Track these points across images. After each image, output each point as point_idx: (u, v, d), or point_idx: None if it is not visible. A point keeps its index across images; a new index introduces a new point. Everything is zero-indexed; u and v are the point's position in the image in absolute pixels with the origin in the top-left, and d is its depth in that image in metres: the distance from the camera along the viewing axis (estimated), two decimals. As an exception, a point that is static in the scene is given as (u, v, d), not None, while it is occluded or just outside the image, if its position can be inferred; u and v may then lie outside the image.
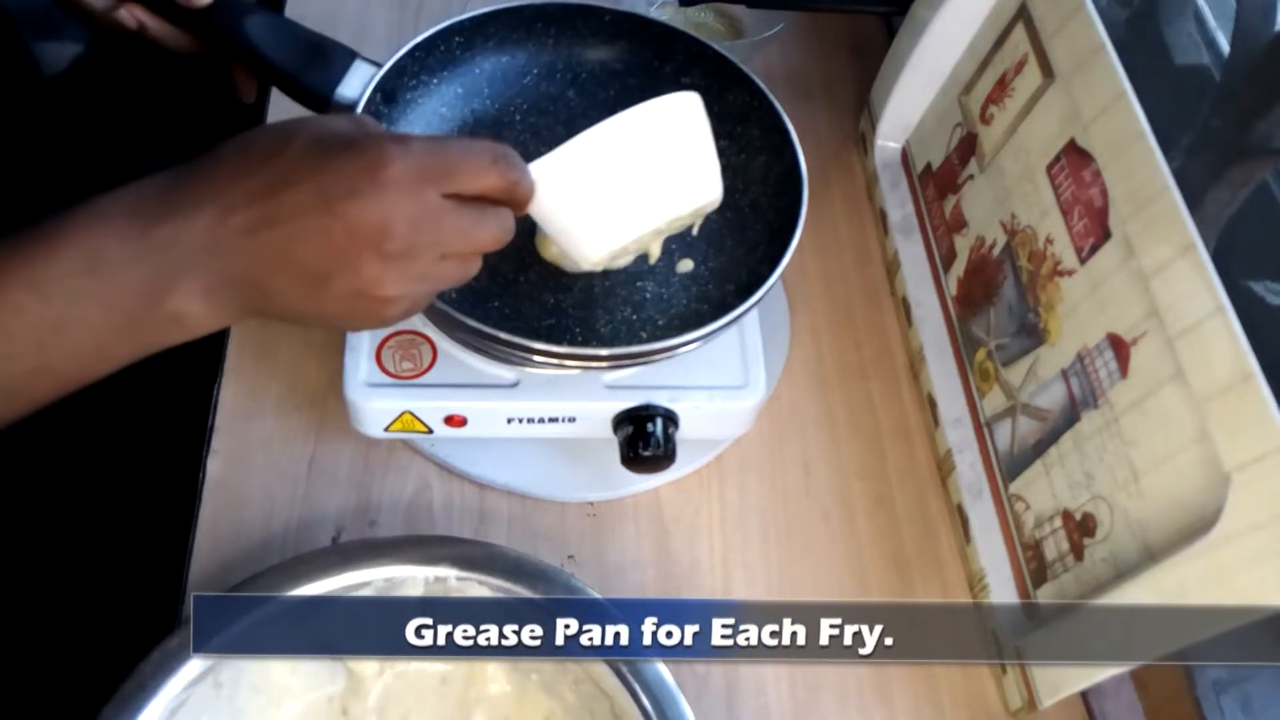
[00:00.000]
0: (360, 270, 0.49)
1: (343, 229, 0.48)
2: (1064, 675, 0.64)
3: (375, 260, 0.49)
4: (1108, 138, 0.65)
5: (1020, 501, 0.70)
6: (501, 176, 0.52)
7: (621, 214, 0.60)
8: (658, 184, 0.60)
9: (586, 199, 0.58)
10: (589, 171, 0.57)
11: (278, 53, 0.68)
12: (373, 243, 0.48)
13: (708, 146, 0.61)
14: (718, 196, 0.63)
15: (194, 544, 0.70)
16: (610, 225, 0.60)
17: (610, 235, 0.60)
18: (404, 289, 0.51)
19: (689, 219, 0.64)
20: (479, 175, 0.51)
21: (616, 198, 0.59)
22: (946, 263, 0.83)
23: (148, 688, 0.57)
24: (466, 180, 0.51)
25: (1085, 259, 0.66)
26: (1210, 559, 0.54)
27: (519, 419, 0.71)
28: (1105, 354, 0.63)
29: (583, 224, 0.59)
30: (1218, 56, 0.76)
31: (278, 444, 0.75)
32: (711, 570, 0.74)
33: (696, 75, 0.77)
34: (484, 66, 0.77)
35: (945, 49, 0.83)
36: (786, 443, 0.80)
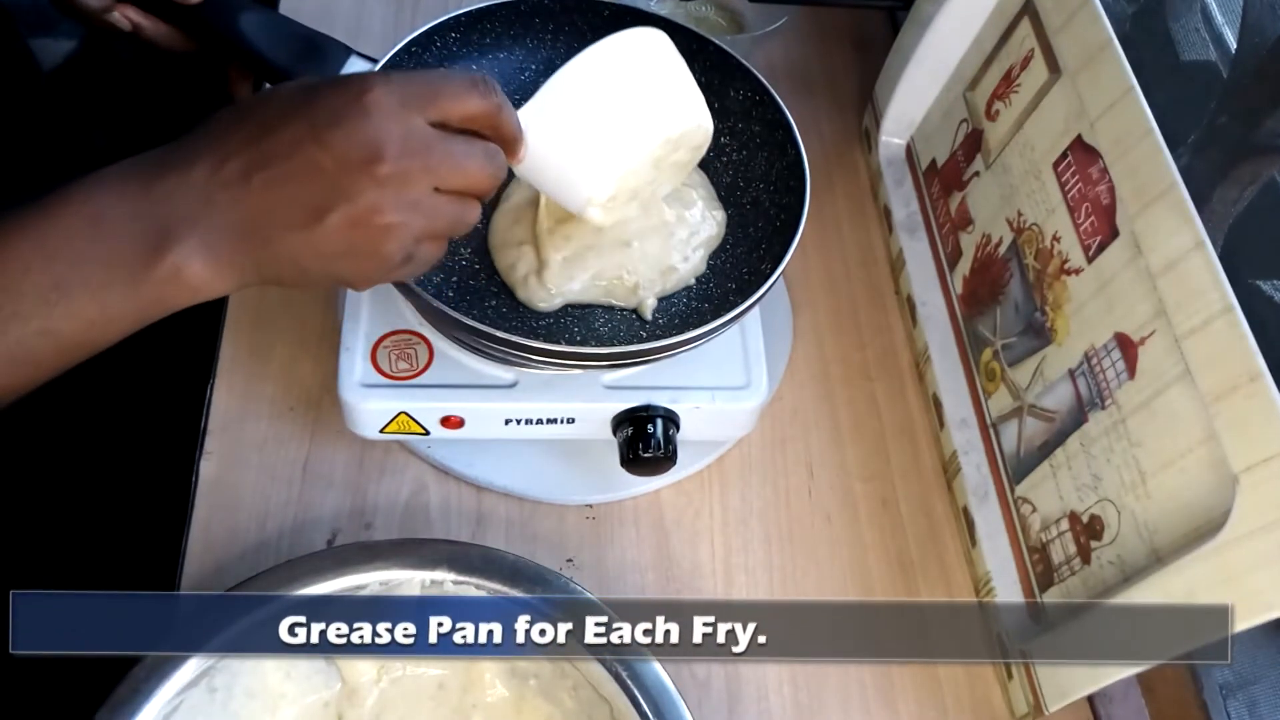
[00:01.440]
0: (354, 197, 0.49)
1: (332, 158, 0.49)
2: (1070, 680, 0.63)
3: (369, 184, 0.49)
4: (1115, 134, 0.64)
5: (1027, 504, 0.70)
6: (484, 98, 0.53)
7: (611, 146, 0.60)
8: (641, 112, 0.61)
9: (573, 138, 0.59)
10: (569, 111, 0.58)
11: (272, 49, 0.67)
12: (363, 166, 0.49)
13: (684, 75, 0.62)
14: (707, 123, 0.64)
15: (187, 547, 0.70)
16: (603, 159, 0.60)
17: (605, 170, 0.61)
18: (401, 215, 0.51)
19: (685, 156, 0.64)
20: (460, 98, 0.52)
21: (603, 132, 0.60)
22: (952, 261, 0.82)
23: (141, 692, 0.57)
24: (448, 103, 0.52)
25: (1092, 257, 0.65)
26: (1218, 561, 0.53)
27: (517, 420, 0.70)
28: (1113, 354, 0.62)
29: (576, 164, 0.60)
30: (1225, 53, 0.76)
31: (272, 446, 0.74)
32: (713, 573, 0.73)
33: (698, 70, 0.76)
34: (481, 63, 0.76)
35: (950, 44, 0.83)
36: (789, 444, 0.79)
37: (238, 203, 0.49)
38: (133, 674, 0.57)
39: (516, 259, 0.69)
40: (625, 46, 0.59)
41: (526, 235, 0.69)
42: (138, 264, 0.49)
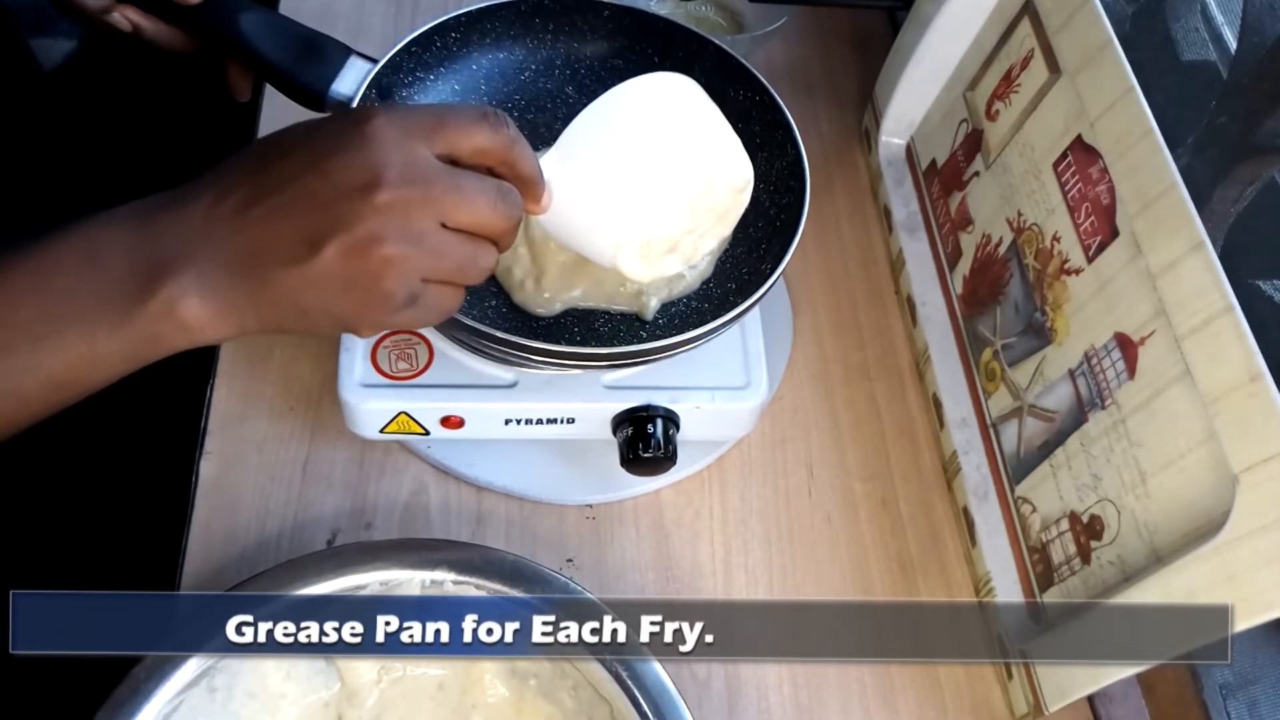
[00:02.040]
0: (351, 225, 0.47)
1: (329, 185, 0.47)
2: (1070, 680, 0.63)
3: (366, 211, 0.47)
4: (1115, 134, 0.64)
5: (1027, 504, 0.69)
6: (494, 131, 0.51)
7: (638, 188, 0.56)
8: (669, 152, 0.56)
9: (597, 182, 0.55)
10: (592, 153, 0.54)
11: (272, 49, 0.67)
12: (361, 193, 0.47)
13: (716, 117, 0.58)
14: (743, 163, 0.59)
15: (187, 547, 0.70)
16: (630, 203, 0.56)
17: (634, 214, 0.56)
18: (401, 248, 0.48)
19: (724, 200, 0.60)
20: (468, 130, 0.50)
21: (628, 173, 0.55)
22: (952, 261, 0.82)
23: (141, 692, 0.57)
24: (455, 135, 0.50)
25: (1092, 257, 0.65)
26: (1219, 561, 0.53)
27: (517, 420, 0.70)
28: (1113, 354, 0.62)
29: (601, 210, 0.56)
30: (1225, 53, 0.76)
31: (272, 446, 0.74)
32: (713, 573, 0.73)
33: (698, 71, 0.76)
34: (481, 63, 0.76)
35: (950, 44, 0.83)
36: (789, 444, 0.79)
37: (234, 236, 0.48)
38: (133, 674, 0.57)
39: (512, 262, 0.68)
40: (651, 88, 0.56)
41: (521, 237, 0.69)
42: (130, 297, 0.47)
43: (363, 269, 0.48)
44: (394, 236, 0.48)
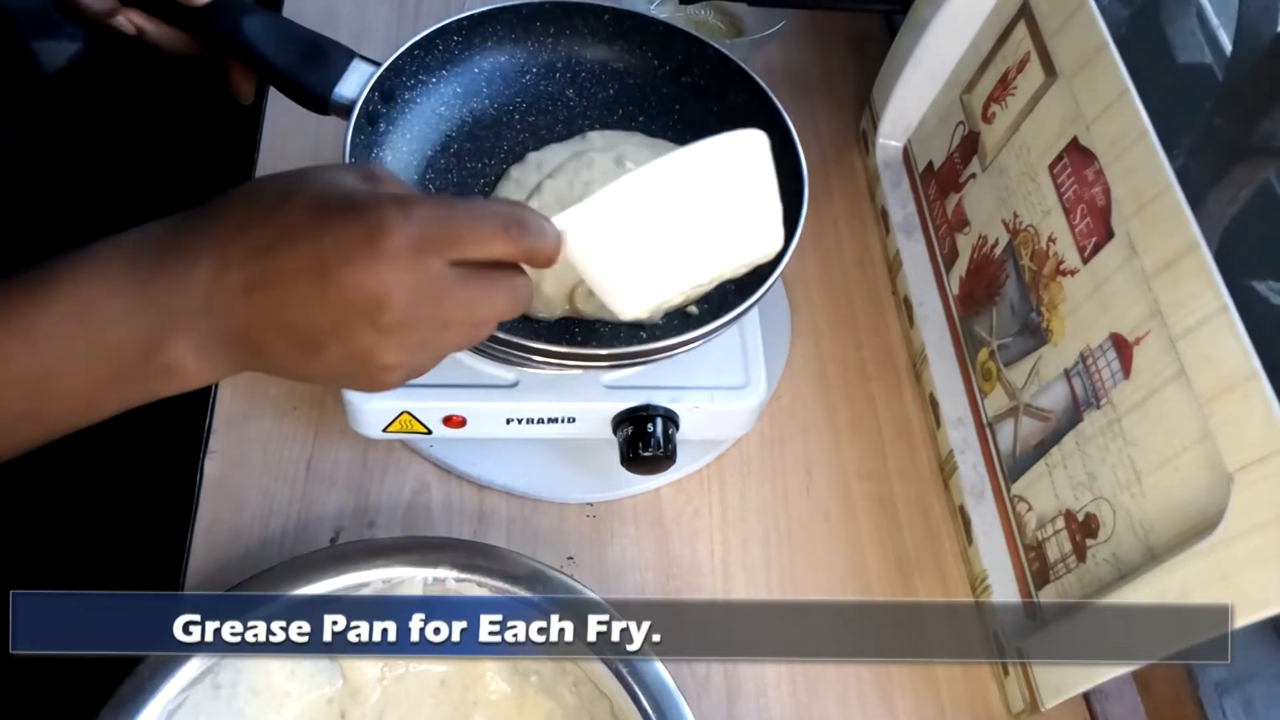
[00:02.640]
0: (354, 340, 0.47)
1: (337, 296, 0.46)
2: (1066, 677, 0.64)
3: (370, 331, 0.47)
4: (1110, 136, 0.65)
5: (1022, 502, 0.70)
6: (514, 244, 0.48)
7: (666, 268, 0.53)
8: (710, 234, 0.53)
9: (627, 251, 0.52)
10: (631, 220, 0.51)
11: (276, 52, 0.67)
12: (367, 314, 0.46)
13: (771, 191, 0.54)
14: (778, 246, 0.57)
15: (191, 545, 0.70)
16: (653, 280, 0.54)
17: (652, 291, 0.54)
18: (402, 358, 0.48)
19: (744, 270, 0.58)
20: (487, 243, 0.48)
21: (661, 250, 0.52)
22: (948, 262, 0.82)
23: (146, 689, 0.57)
24: (472, 248, 0.48)
25: (1088, 258, 0.65)
26: (1213, 560, 0.53)
27: (518, 419, 0.70)
28: (1108, 354, 0.63)
29: (621, 278, 0.53)
30: (1220, 55, 0.76)
31: (275, 445, 0.75)
32: (712, 572, 0.73)
33: (696, 74, 0.77)
34: (483, 66, 0.77)
35: (947, 47, 0.83)
36: (787, 443, 0.80)
37: (235, 313, 0.47)
38: (137, 671, 0.57)
39: None
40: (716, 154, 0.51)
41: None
42: (130, 361, 0.47)
43: (362, 370, 0.48)
44: (394, 350, 0.48)
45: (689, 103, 0.77)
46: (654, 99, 0.78)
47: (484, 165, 0.74)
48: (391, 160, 0.72)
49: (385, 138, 0.72)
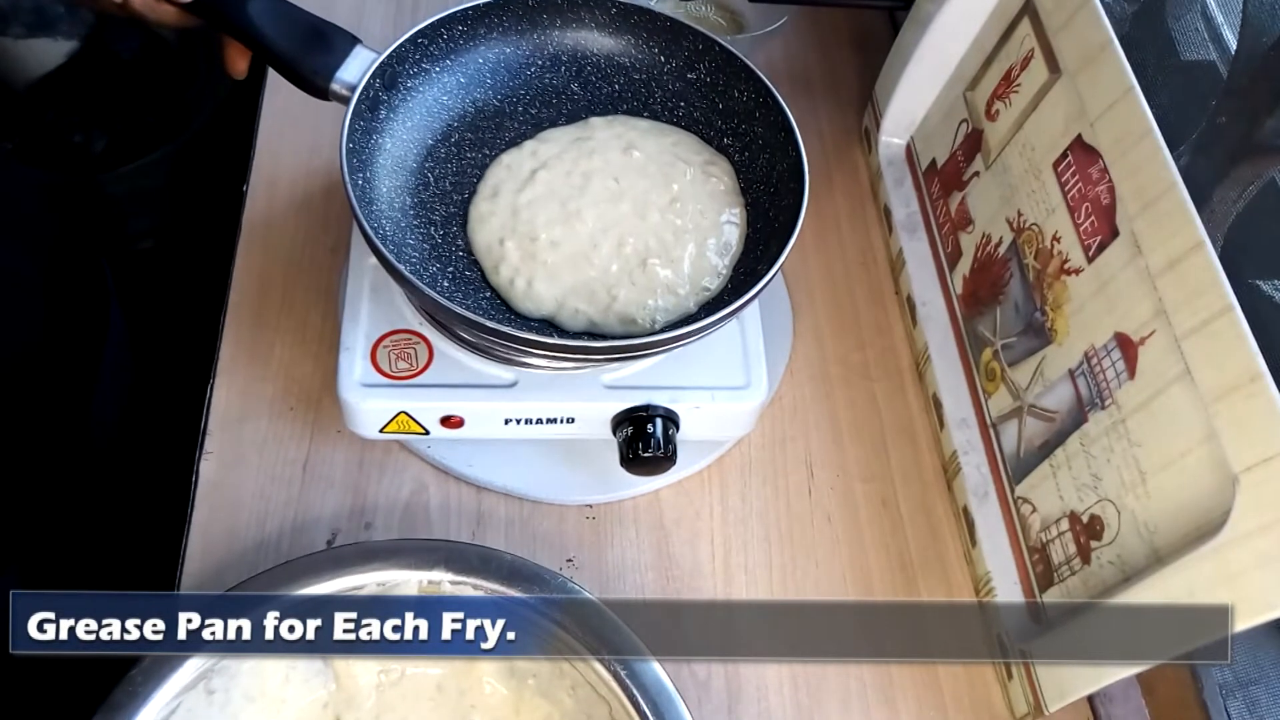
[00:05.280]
0: None
1: None
2: (1070, 680, 0.63)
3: None
4: (1115, 134, 0.64)
5: (1027, 504, 0.69)
6: None
7: None
8: None
9: None
10: None
11: (278, 36, 0.67)
12: None
13: None
14: None
15: (187, 547, 0.70)
16: None
17: None
18: None
19: None
20: None
21: None
22: (952, 261, 0.82)
23: (139, 695, 0.57)
24: None
25: (1093, 257, 0.65)
26: (1219, 561, 0.53)
27: (517, 420, 0.70)
28: (1113, 354, 0.62)
29: None
30: (1225, 53, 0.76)
31: (271, 446, 0.74)
32: (713, 573, 0.73)
33: (702, 70, 0.76)
34: (487, 56, 0.76)
35: (950, 44, 0.83)
36: (789, 444, 0.79)
37: None
38: (130, 676, 0.57)
39: (499, 260, 0.68)
40: None
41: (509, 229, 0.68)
42: None
43: None
44: None
45: (694, 99, 0.77)
46: (659, 94, 0.77)
47: (484, 155, 0.74)
48: (391, 147, 0.71)
49: (386, 124, 0.72)
